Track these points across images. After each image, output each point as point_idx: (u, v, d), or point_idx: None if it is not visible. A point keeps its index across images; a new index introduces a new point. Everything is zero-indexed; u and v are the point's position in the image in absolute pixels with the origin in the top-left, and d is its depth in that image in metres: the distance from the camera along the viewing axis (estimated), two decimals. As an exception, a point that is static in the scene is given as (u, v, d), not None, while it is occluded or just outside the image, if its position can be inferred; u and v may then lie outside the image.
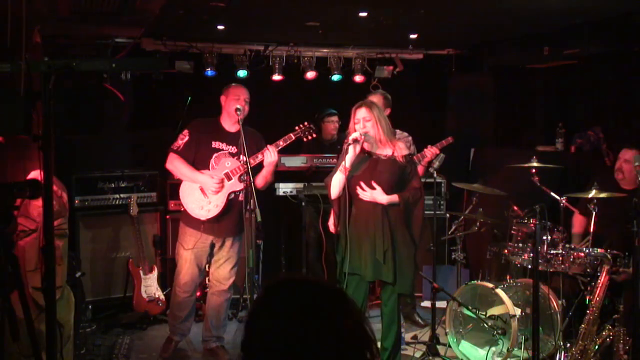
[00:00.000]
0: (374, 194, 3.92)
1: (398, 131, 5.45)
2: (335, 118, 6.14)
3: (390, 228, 3.93)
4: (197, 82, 6.06)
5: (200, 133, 4.49)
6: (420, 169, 5.22)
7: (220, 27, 5.38)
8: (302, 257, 5.77)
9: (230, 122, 4.53)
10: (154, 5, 4.26)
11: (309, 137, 4.64)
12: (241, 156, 4.41)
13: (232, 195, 4.47)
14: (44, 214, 2.33)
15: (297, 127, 4.55)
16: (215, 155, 4.48)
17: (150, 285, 5.47)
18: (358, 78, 6.44)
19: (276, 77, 6.28)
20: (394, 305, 4.05)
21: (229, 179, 4.43)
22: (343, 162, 3.95)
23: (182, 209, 4.58)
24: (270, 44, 6.17)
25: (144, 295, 5.42)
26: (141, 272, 5.47)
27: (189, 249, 4.55)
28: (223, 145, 4.50)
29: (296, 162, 5.88)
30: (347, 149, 3.94)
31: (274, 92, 6.37)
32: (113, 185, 5.62)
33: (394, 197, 3.93)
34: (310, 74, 6.29)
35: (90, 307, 5.35)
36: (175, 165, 4.48)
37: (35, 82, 2.39)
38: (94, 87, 5.53)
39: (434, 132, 6.28)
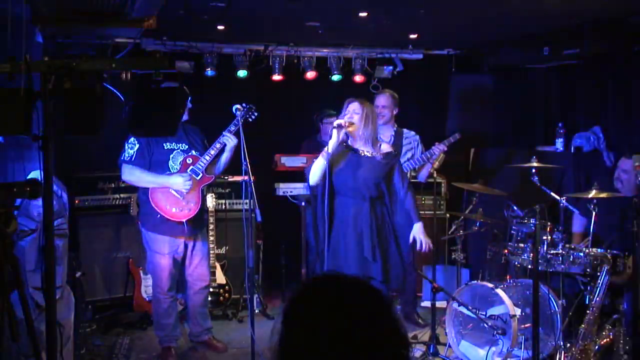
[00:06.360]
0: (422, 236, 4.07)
1: (405, 130, 5.45)
2: (334, 119, 6.12)
3: (377, 224, 3.97)
4: (197, 82, 6.05)
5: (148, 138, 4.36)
6: (428, 167, 5.23)
7: (220, 27, 5.37)
8: (302, 257, 5.77)
9: None
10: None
11: (253, 117, 4.52)
12: (193, 151, 4.44)
13: (204, 191, 4.50)
14: (44, 214, 2.33)
15: (236, 111, 4.34)
16: (171, 155, 4.43)
17: (150, 285, 5.46)
18: (358, 78, 6.42)
19: (276, 77, 6.27)
20: None
21: (197, 174, 4.41)
22: (325, 148, 3.98)
23: (158, 216, 4.37)
24: (270, 44, 6.17)
25: (144, 295, 5.41)
26: (141, 272, 5.46)
27: (167, 253, 4.48)
28: (173, 145, 4.45)
29: (296, 162, 5.87)
30: (331, 133, 4.00)
31: (274, 92, 6.36)
32: (113, 185, 5.61)
33: (420, 224, 4.10)
34: (310, 74, 6.28)
35: (90, 307, 5.34)
36: (136, 174, 4.38)
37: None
38: (94, 87, 5.51)
39: (434, 132, 6.27)
